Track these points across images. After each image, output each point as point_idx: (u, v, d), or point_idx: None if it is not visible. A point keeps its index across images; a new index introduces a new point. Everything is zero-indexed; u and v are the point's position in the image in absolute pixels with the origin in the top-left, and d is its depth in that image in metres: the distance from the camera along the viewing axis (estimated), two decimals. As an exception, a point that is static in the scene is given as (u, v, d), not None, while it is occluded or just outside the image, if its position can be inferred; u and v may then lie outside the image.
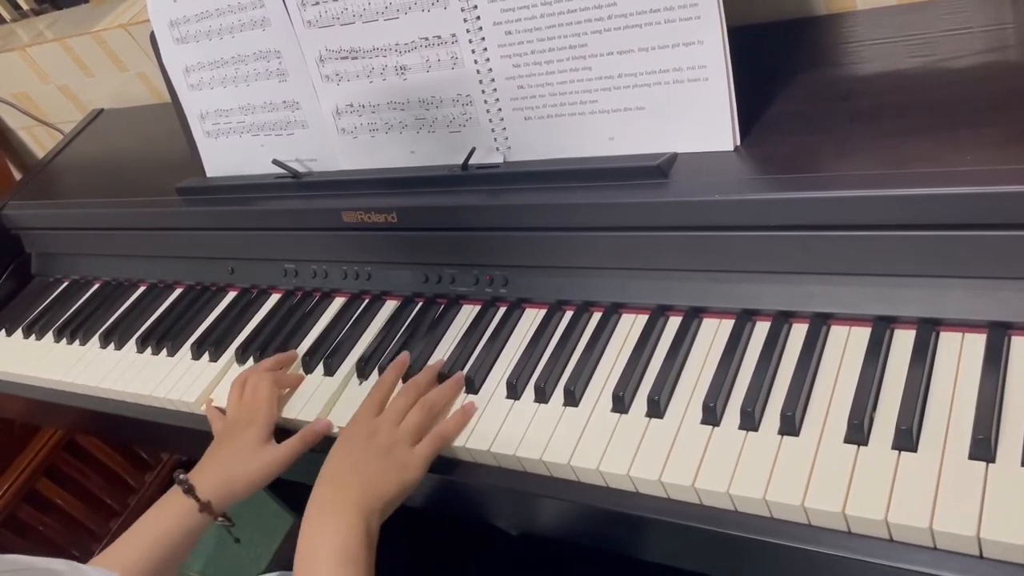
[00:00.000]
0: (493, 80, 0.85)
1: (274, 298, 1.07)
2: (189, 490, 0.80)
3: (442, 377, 0.84)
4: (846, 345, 0.70)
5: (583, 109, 0.82)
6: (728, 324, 0.76)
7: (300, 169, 1.02)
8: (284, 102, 0.99)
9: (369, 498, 0.70)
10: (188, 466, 0.85)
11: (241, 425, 0.85)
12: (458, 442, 0.77)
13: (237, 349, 1.00)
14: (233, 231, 1.09)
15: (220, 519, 0.83)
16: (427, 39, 0.85)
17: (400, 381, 0.85)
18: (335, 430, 0.85)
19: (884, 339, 0.68)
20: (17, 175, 1.74)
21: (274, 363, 0.92)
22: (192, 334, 1.06)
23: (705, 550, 0.69)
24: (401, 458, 0.74)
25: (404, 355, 0.86)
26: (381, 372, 0.87)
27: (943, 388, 0.64)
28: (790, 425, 0.65)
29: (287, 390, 0.91)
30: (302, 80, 0.96)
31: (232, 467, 0.83)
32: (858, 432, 0.62)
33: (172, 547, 0.80)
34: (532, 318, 0.87)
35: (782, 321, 0.73)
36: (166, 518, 0.81)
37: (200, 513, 0.80)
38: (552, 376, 0.78)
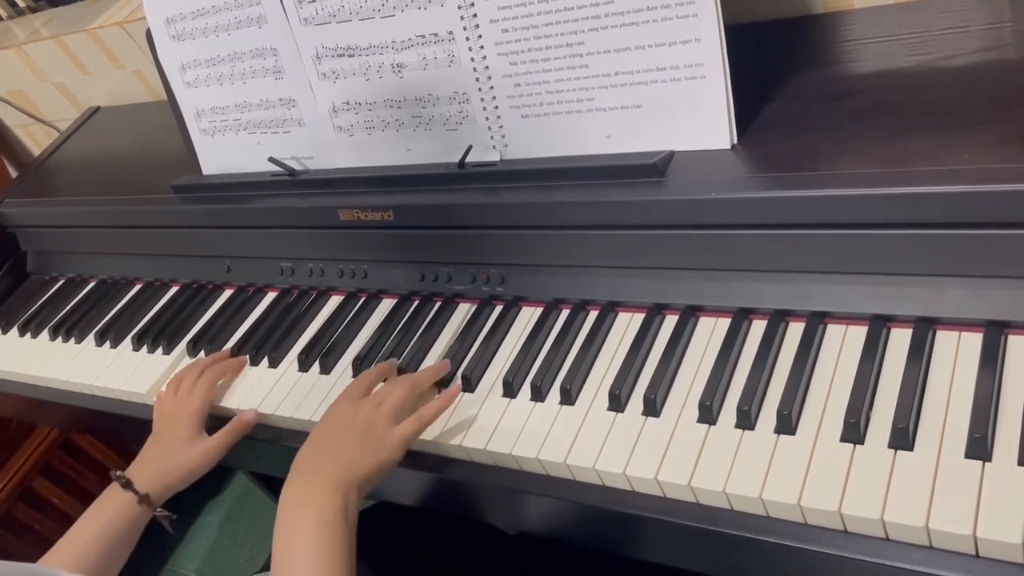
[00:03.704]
0: (490, 78, 0.84)
1: (270, 296, 1.07)
2: (127, 484, 0.83)
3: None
4: (842, 344, 0.70)
5: (580, 107, 0.82)
6: (724, 323, 0.76)
7: (296, 167, 1.02)
8: (280, 100, 0.99)
9: (345, 474, 0.71)
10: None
11: (172, 420, 0.89)
12: (454, 440, 0.77)
13: (232, 348, 1.00)
14: (229, 229, 1.09)
15: (159, 511, 0.86)
16: (424, 37, 0.85)
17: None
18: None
19: (880, 338, 0.68)
20: (13, 173, 1.74)
21: (212, 360, 0.96)
22: (188, 332, 1.06)
23: (701, 549, 0.69)
24: (379, 436, 0.74)
25: (392, 360, 0.87)
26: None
27: (939, 387, 0.64)
28: (786, 424, 0.65)
29: (220, 381, 0.94)
30: (298, 78, 0.95)
31: (165, 461, 0.86)
32: (854, 431, 0.62)
33: (115, 540, 0.82)
34: (528, 316, 0.87)
35: (778, 320, 0.73)
36: (107, 513, 0.83)
37: (139, 505, 0.83)
38: (548, 375, 0.78)
